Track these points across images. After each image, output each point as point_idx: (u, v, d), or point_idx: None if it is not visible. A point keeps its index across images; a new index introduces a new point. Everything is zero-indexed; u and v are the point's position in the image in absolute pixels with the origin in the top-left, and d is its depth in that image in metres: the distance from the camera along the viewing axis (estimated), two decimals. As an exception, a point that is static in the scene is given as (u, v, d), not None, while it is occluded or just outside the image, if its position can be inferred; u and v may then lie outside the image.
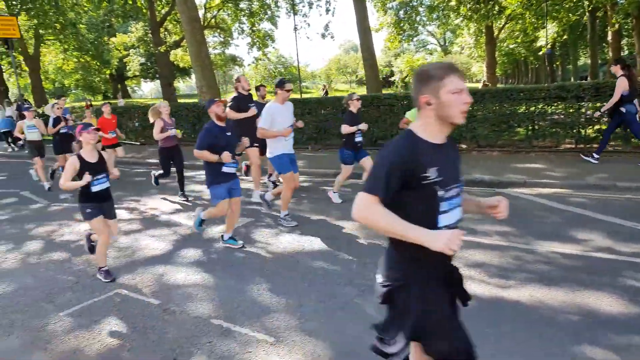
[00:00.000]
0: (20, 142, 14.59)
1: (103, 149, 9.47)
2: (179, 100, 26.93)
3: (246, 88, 8.11)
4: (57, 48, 35.48)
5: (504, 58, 47.39)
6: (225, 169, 5.43)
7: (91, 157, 4.86)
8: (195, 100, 18.63)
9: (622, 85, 8.21)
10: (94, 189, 4.83)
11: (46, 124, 9.79)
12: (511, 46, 42.45)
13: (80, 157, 4.80)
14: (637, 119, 8.38)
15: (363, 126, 6.99)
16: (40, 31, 30.14)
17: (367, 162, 7.11)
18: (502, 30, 33.49)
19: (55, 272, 5.30)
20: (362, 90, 30.07)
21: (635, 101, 8.32)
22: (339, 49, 78.79)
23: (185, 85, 78.49)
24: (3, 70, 30.79)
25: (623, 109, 8.30)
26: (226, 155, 5.27)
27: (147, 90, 77.03)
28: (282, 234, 6.17)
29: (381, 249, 2.28)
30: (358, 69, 55.85)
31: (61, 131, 9.47)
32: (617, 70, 8.44)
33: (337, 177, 7.60)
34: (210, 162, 5.40)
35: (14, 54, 23.13)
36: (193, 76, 18.18)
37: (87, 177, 4.74)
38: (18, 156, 15.25)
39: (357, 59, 57.10)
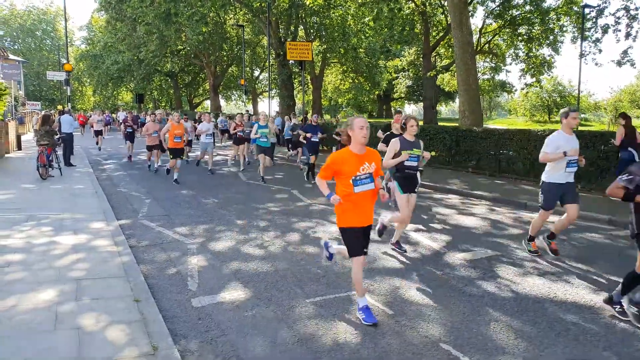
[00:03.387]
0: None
1: None
2: (439, 124, 27.31)
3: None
4: (337, 69, 40.33)
5: None
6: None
7: None
8: (456, 124, 18.56)
9: None
10: None
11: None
12: None
13: None
14: None
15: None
16: (327, 55, 34.62)
17: None
18: None
19: (307, 263, 5.91)
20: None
21: None
22: (636, 78, 66.85)
23: (447, 109, 79.43)
24: (294, 88, 36.37)
25: None
26: None
27: (409, 111, 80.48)
28: (530, 275, 5.57)
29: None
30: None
31: None
32: None
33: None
34: None
35: (304, 74, 27.08)
36: (457, 100, 18.13)
37: None
38: (294, 159, 17.60)
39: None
